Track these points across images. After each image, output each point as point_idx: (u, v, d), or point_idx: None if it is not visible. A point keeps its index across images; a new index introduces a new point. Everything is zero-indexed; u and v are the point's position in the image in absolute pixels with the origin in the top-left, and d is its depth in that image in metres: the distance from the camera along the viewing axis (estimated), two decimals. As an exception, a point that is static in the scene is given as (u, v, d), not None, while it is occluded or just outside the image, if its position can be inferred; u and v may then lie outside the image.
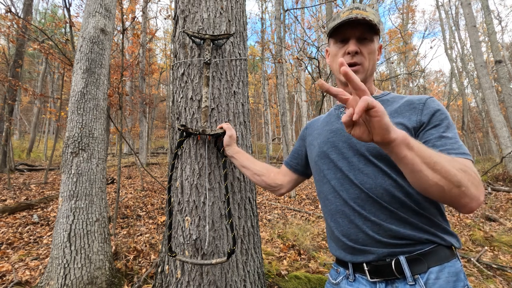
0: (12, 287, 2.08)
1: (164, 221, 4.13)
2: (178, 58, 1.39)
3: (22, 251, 2.86)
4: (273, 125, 23.06)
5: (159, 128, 26.43)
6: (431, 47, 17.33)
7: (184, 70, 1.35)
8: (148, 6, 11.49)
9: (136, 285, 2.10)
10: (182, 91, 1.34)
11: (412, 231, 0.70)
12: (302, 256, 3.01)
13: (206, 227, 1.20)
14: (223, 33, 1.37)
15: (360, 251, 0.74)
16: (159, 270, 1.36)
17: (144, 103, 10.87)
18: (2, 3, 6.04)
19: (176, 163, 1.30)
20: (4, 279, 2.24)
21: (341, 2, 8.91)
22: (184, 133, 1.20)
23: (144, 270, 2.38)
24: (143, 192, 5.93)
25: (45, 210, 4.35)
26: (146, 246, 3.00)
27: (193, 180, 1.24)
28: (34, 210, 4.28)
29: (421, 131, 0.72)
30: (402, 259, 0.69)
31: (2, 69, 11.57)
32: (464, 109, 14.99)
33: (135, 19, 8.52)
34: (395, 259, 0.70)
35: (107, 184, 5.62)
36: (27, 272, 2.37)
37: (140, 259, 2.66)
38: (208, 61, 1.24)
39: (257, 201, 5.50)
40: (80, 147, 2.14)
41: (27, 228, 3.54)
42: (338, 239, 0.80)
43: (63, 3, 4.26)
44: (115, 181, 6.75)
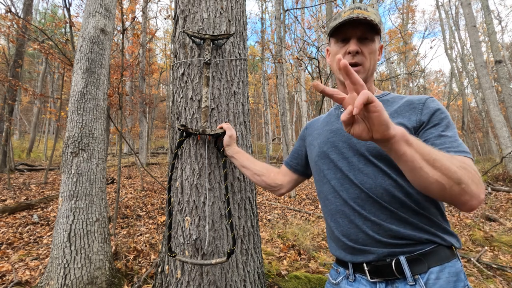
0: (12, 287, 2.08)
1: (164, 221, 4.13)
2: (178, 58, 1.39)
3: (22, 251, 2.86)
4: (273, 125, 23.06)
5: (159, 128, 26.43)
6: (431, 47, 17.33)
7: (184, 70, 1.35)
8: (148, 6, 11.49)
9: (136, 285, 2.10)
10: (182, 91, 1.34)
11: (412, 231, 0.70)
12: (302, 256, 3.01)
13: (206, 227, 1.20)
14: (223, 33, 1.37)
15: (360, 251, 0.74)
16: (159, 270, 1.36)
17: (144, 103, 10.88)
18: (2, 3, 6.04)
19: (176, 163, 1.30)
20: (4, 279, 2.24)
21: (341, 2, 8.92)
22: (184, 133, 1.20)
23: (144, 270, 2.38)
24: (143, 192, 5.93)
25: (45, 210, 4.35)
26: (146, 246, 3.00)
27: (193, 180, 1.24)
28: (34, 210, 4.28)
29: (421, 130, 0.72)
30: (402, 259, 0.69)
31: (2, 69, 11.57)
32: (464, 109, 14.99)
33: (135, 19, 8.52)
34: (395, 259, 0.69)
35: (107, 184, 5.62)
36: (27, 272, 2.37)
37: (140, 259, 2.66)
38: (208, 61, 1.24)
39: (257, 201, 5.50)
40: (80, 147, 2.14)
41: (27, 228, 3.54)
42: (338, 239, 0.80)
43: (63, 3, 4.27)
44: (115, 181, 6.75)
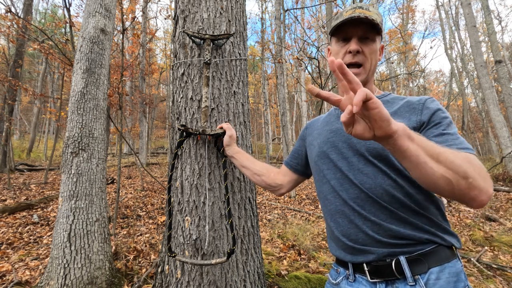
0: (12, 287, 2.08)
1: (164, 221, 4.13)
2: (178, 58, 1.39)
3: (22, 251, 2.86)
4: (273, 125, 23.06)
5: (159, 128, 26.43)
6: (431, 47, 17.34)
7: (184, 70, 1.35)
8: (148, 6, 11.49)
9: (136, 285, 2.10)
10: (182, 91, 1.34)
11: (412, 231, 0.70)
12: (302, 256, 3.00)
13: (206, 227, 1.20)
14: (223, 33, 1.37)
15: (360, 251, 0.74)
16: (159, 270, 1.36)
17: (144, 103, 10.88)
18: (2, 3, 6.04)
19: (176, 163, 1.30)
20: (4, 279, 2.24)
21: (341, 2, 8.92)
22: (184, 133, 1.20)
23: (144, 270, 2.38)
24: (143, 192, 5.93)
25: (45, 210, 4.35)
26: (146, 246, 3.00)
27: (193, 180, 1.24)
28: (34, 210, 4.28)
29: (421, 131, 0.72)
30: (402, 259, 0.69)
31: (2, 69, 11.57)
32: (464, 109, 15.00)
33: (135, 19, 8.52)
34: (395, 259, 0.69)
35: (107, 184, 5.62)
36: (27, 272, 2.37)
37: (140, 259, 2.66)
38: (208, 61, 1.24)
39: (257, 201, 5.50)
40: (80, 147, 2.14)
41: (27, 228, 3.54)
42: (338, 239, 0.80)
43: (63, 3, 4.26)
44: (115, 181, 6.75)
